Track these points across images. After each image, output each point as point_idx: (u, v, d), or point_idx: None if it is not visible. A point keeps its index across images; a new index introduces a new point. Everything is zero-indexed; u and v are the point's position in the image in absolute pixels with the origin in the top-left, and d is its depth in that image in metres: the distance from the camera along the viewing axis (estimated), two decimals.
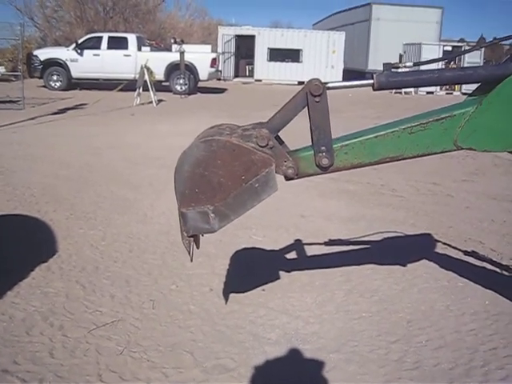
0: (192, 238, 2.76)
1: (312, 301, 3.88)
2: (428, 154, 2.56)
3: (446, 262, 4.55)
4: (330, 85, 2.47)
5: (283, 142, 2.69)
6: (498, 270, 4.52)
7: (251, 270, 4.41)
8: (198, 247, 2.88)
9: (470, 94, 2.69)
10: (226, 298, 3.83)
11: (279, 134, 2.61)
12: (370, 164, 2.59)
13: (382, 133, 2.53)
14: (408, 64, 2.67)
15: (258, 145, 2.50)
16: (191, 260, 2.85)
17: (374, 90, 2.53)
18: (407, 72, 2.58)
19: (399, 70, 2.61)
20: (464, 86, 26.17)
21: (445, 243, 5.03)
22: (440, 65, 26.79)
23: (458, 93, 26.29)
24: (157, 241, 5.01)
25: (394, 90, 24.59)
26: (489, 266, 4.58)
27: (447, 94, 26.16)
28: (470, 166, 8.99)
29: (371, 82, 2.51)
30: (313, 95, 2.42)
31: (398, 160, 2.59)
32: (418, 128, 2.49)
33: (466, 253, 4.83)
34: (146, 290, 4.00)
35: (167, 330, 3.45)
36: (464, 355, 3.25)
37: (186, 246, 2.77)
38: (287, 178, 2.64)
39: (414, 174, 7.92)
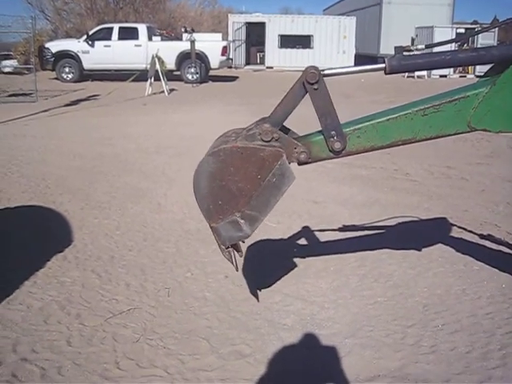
0: (231, 249, 2.78)
1: (327, 286, 3.88)
2: (441, 136, 2.54)
3: (462, 246, 4.52)
4: (326, 72, 2.47)
5: (290, 130, 2.69)
6: None
7: (266, 256, 4.41)
8: (241, 255, 2.91)
9: (482, 75, 2.66)
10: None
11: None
12: (383, 147, 2.58)
13: (394, 116, 2.51)
14: (420, 47, 2.65)
15: (264, 140, 2.51)
16: (236, 269, 2.91)
17: (386, 73, 2.51)
18: (419, 55, 2.56)
19: (411, 53, 2.59)
20: (478, 69, 25.88)
21: (460, 227, 4.99)
22: (453, 47, 26.53)
23: (472, 75, 25.98)
24: (171, 229, 5.03)
25: (406, 74, 24.44)
26: (505, 250, 4.55)
27: (461, 76, 25.87)
28: (485, 148, 8.90)
29: (383, 65, 2.49)
30: (310, 83, 2.42)
31: (411, 143, 2.57)
32: (431, 110, 2.47)
33: (481, 236, 4.79)
34: (161, 278, 4.02)
35: (183, 317, 3.47)
36: (481, 339, 3.23)
37: (228, 257, 2.80)
38: (300, 163, 2.63)
39: (427, 157, 7.86)
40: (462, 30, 29.54)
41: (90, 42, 21.27)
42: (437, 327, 3.36)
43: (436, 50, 2.78)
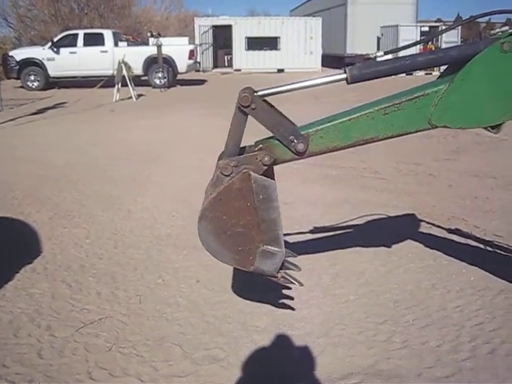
0: (281, 272, 2.84)
1: (299, 286, 3.89)
2: (404, 134, 2.58)
3: (431, 241, 4.59)
4: (260, 93, 2.54)
5: (245, 146, 2.73)
6: (482, 246, 4.56)
7: None
8: (299, 270, 3.07)
9: (440, 75, 2.72)
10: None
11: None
12: (347, 147, 2.62)
13: (356, 115, 2.55)
14: (379, 54, 2.69)
15: (227, 175, 2.59)
16: (301, 284, 3.01)
17: (348, 83, 2.57)
18: (379, 62, 2.61)
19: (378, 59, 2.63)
20: (443, 67, 26.23)
21: (428, 222, 5.06)
22: (418, 47, 26.90)
23: (438, 73, 26.29)
24: (141, 236, 5.00)
25: None
26: (473, 243, 4.62)
27: (426, 74, 26.12)
28: (451, 144, 9.03)
29: (343, 76, 2.55)
30: (245, 106, 2.49)
31: (374, 141, 2.61)
32: (391, 109, 2.51)
33: (449, 231, 4.86)
34: (132, 286, 3.99)
35: (155, 324, 3.45)
36: (451, 332, 3.29)
37: (285, 281, 2.88)
38: (268, 166, 2.65)
39: (395, 155, 7.94)
40: (427, 28, 29.98)
41: (55, 49, 21.00)
42: (408, 322, 3.40)
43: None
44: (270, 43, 30.55)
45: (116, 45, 21.27)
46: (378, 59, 2.64)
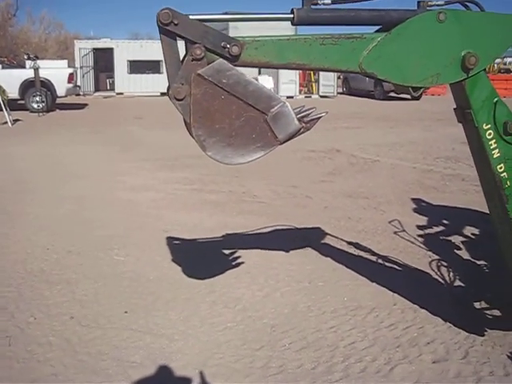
0: (302, 122, 2.59)
1: (176, 317, 3.85)
2: (333, 70, 2.69)
3: (307, 263, 4.71)
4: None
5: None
6: (355, 264, 4.74)
7: (111, 292, 4.29)
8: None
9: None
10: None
11: None
12: (278, 66, 2.64)
13: (294, 37, 2.59)
14: (327, 1, 2.76)
15: (180, 99, 2.46)
16: (326, 112, 2.69)
17: (294, 24, 2.62)
18: (327, 9, 2.66)
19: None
20: (321, 90, 27.55)
21: (306, 244, 5.19)
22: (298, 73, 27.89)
23: (317, 96, 27.51)
24: (12, 272, 4.72)
25: None
26: (346, 263, 4.79)
27: (306, 97, 27.18)
28: (328, 166, 9.37)
29: (290, 16, 2.58)
30: (167, 24, 2.38)
31: (304, 68, 2.68)
32: (329, 41, 2.59)
33: (325, 252, 5.02)
34: (1, 327, 3.75)
35: (25, 366, 3.27)
36: (325, 353, 3.39)
37: (314, 123, 2.62)
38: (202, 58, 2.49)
39: (274, 178, 8.04)
40: None
41: None
42: (284, 347, 3.47)
43: None
44: (153, 67, 30.30)
45: None
46: (325, 6, 2.67)
